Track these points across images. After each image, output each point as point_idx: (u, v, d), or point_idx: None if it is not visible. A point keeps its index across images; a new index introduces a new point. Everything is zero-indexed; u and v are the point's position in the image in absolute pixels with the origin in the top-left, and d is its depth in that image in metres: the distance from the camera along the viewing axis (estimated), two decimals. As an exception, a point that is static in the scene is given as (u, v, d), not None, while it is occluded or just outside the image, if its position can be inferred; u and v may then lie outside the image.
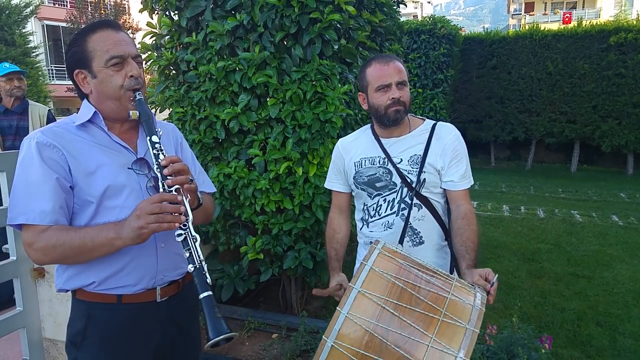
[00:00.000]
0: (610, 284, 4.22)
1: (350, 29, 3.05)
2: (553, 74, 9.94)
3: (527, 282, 4.22)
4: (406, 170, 1.75)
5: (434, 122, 1.83)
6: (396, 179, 1.76)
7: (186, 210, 1.23)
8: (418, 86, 9.14)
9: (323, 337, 1.18)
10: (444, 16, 9.95)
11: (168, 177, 1.24)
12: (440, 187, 1.77)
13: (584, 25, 9.96)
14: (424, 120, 1.85)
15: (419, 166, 1.73)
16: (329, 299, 3.68)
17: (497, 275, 1.43)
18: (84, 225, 1.29)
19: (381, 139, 1.82)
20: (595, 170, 10.49)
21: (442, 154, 1.74)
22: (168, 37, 3.01)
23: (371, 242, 1.78)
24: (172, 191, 1.23)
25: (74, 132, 1.32)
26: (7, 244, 2.29)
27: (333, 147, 2.78)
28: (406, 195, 1.75)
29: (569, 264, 4.72)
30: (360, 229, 1.91)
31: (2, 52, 12.51)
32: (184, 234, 1.22)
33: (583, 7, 38.94)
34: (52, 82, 18.33)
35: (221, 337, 1.10)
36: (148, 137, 1.30)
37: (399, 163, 1.76)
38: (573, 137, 10.12)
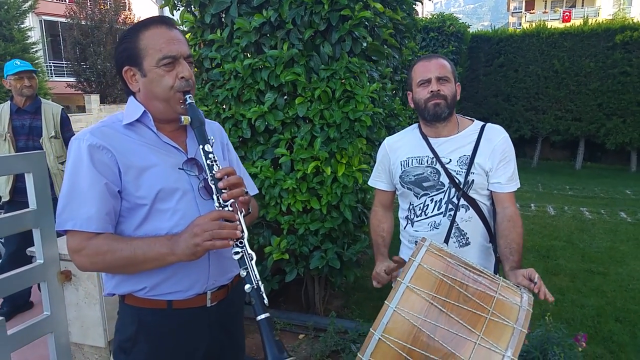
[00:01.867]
0: (625, 280, 4.24)
1: (375, 26, 3.01)
2: (559, 72, 9.93)
3: (545, 279, 4.12)
4: (455, 171, 1.74)
5: (483, 123, 1.82)
6: (444, 179, 1.75)
7: (242, 226, 1.19)
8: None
9: (370, 329, 1.17)
10: (444, 13, 9.90)
11: (223, 191, 1.20)
12: (487, 189, 1.76)
13: (589, 23, 9.94)
14: (473, 121, 1.85)
15: (467, 167, 1.72)
16: (350, 299, 3.69)
17: (537, 275, 1.44)
18: (136, 227, 1.26)
19: (429, 138, 1.80)
20: (599, 167, 10.50)
21: (491, 156, 1.73)
22: (190, 34, 2.96)
23: (416, 242, 1.79)
24: (227, 205, 1.20)
25: (122, 131, 1.29)
26: (32, 246, 2.24)
27: (362, 146, 2.78)
28: (454, 196, 1.74)
29: (583, 260, 4.73)
30: (405, 228, 1.90)
31: (1, 48, 12.39)
32: (241, 252, 1.18)
33: (582, 5, 39.03)
34: (51, 79, 18.15)
35: None
36: (200, 146, 1.26)
37: (447, 163, 1.75)
38: (578, 135, 10.13)
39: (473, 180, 1.72)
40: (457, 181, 1.73)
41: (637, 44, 9.23)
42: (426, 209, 1.79)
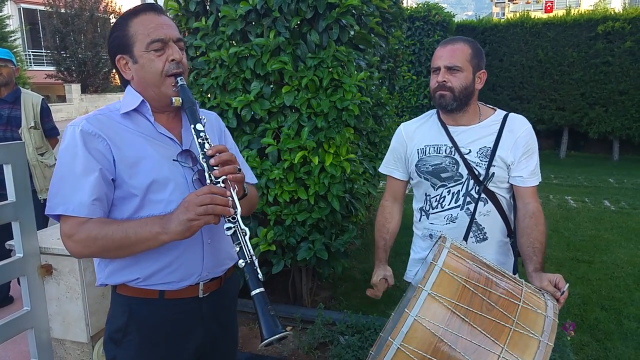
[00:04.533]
0: (610, 268, 4.28)
1: (362, 15, 2.97)
2: (543, 62, 9.99)
3: None
4: (474, 162, 1.65)
5: (506, 112, 1.73)
6: (463, 170, 1.66)
7: (234, 202, 1.17)
8: (413, 73, 9.10)
9: (389, 338, 1.13)
10: (429, 2, 9.88)
11: (215, 168, 1.19)
12: (508, 182, 1.68)
13: (572, 14, 10.01)
14: (495, 110, 1.75)
15: (488, 159, 1.64)
16: (338, 290, 3.68)
17: (567, 284, 1.36)
18: (127, 217, 1.24)
19: (448, 126, 1.71)
20: (582, 156, 10.64)
21: (514, 148, 1.64)
22: (175, 21, 2.88)
23: (431, 235, 1.75)
24: (219, 182, 1.18)
25: (118, 120, 1.28)
26: (11, 239, 2.17)
27: (349, 136, 2.75)
28: (472, 189, 1.66)
29: (569, 249, 4.79)
30: (419, 220, 1.82)
31: (-22, 37, 12.04)
32: (234, 227, 1.16)
33: (564, -4, 39.29)
34: (30, 68, 17.67)
35: (276, 336, 1.06)
36: (192, 126, 1.25)
37: (467, 154, 1.66)
38: (562, 124, 10.23)
39: (494, 173, 1.64)
40: (476, 173, 1.64)
41: (618, 35, 9.33)
42: (443, 200, 1.71)
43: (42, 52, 19.80)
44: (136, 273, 1.26)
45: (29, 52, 19.88)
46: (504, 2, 41.52)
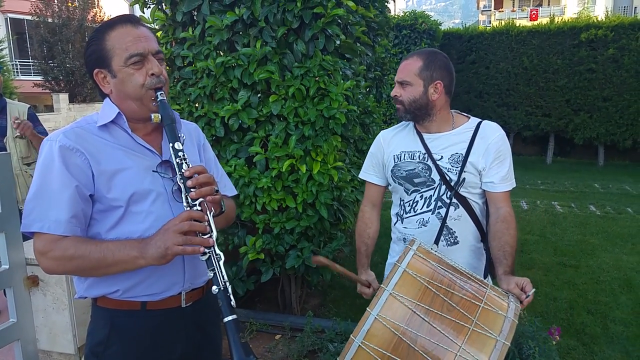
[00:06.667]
0: (596, 272, 4.34)
1: (348, 24, 3.01)
2: (529, 69, 10.14)
3: (520, 273, 4.11)
4: (446, 168, 1.71)
5: (479, 120, 1.79)
6: (435, 175, 1.73)
7: (211, 228, 1.18)
8: (400, 81, 9.16)
9: (351, 336, 1.17)
10: (416, 10, 10.01)
11: (192, 189, 1.19)
12: (480, 188, 1.73)
13: (556, 21, 10.19)
14: (469, 118, 1.81)
15: (460, 165, 1.70)
16: (327, 297, 3.68)
17: (534, 290, 1.40)
18: (108, 230, 1.24)
19: (423, 134, 1.78)
20: (568, 162, 10.77)
21: (485, 154, 1.69)
22: (162, 32, 2.90)
23: (404, 239, 1.80)
24: (196, 204, 1.19)
25: (96, 133, 1.27)
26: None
27: (337, 144, 2.78)
28: (444, 194, 1.72)
29: (555, 254, 4.84)
30: (395, 224, 1.88)
31: (-36, 47, 11.93)
32: (209, 252, 1.16)
33: (548, 4, 40.07)
34: (18, 78, 17.56)
35: None
36: (170, 144, 1.24)
37: (439, 160, 1.72)
38: (548, 130, 10.36)
39: (464, 178, 1.70)
40: (447, 178, 1.70)
41: (601, 42, 9.50)
42: (415, 205, 1.77)
43: (29, 62, 19.70)
44: (115, 285, 1.25)
45: (16, 61, 19.77)
46: (490, 10, 42.18)
